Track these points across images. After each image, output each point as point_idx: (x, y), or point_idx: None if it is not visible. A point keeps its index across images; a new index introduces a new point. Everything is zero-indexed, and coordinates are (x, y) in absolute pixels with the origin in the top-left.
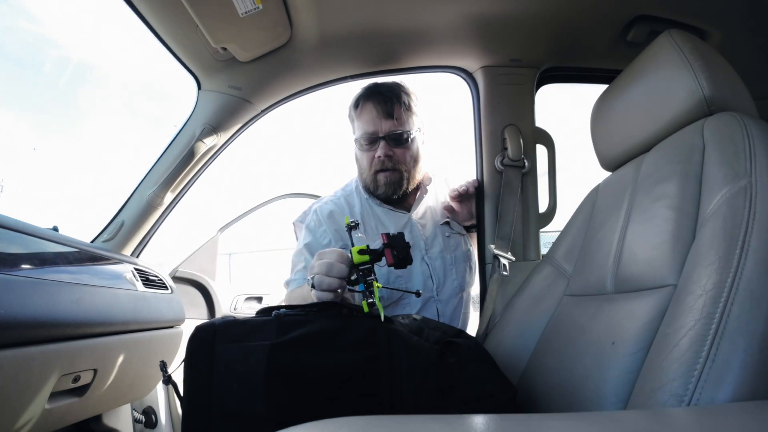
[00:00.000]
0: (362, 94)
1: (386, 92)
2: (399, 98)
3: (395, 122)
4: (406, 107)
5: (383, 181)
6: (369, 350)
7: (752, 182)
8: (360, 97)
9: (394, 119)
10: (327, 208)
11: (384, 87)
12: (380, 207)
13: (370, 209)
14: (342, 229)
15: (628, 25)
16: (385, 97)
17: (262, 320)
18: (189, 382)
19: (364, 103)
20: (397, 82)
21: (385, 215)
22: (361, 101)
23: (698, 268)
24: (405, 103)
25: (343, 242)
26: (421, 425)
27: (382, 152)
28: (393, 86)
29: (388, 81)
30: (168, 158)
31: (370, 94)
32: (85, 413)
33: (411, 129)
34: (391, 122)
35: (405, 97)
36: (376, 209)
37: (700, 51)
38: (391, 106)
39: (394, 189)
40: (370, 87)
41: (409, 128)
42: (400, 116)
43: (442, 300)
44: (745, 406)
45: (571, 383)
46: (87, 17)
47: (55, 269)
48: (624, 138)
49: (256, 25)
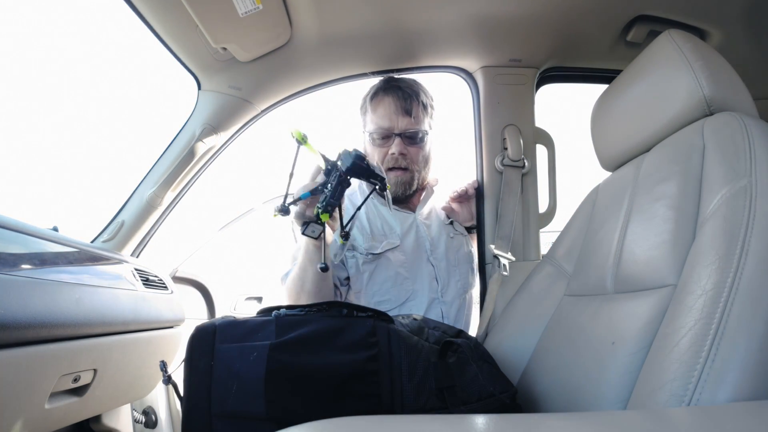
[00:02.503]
0: (381, 87)
1: (406, 88)
2: (418, 96)
3: (412, 120)
4: (423, 106)
5: (394, 180)
6: (369, 350)
7: (752, 182)
8: (378, 89)
9: (412, 117)
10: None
11: (404, 83)
12: (384, 206)
13: (374, 209)
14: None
15: (628, 25)
16: (404, 93)
17: (262, 320)
18: (189, 382)
19: (382, 96)
20: (415, 79)
21: (390, 214)
22: (380, 94)
23: (698, 268)
24: (423, 102)
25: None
26: (421, 425)
27: (397, 150)
28: (412, 83)
29: (406, 77)
30: (168, 158)
31: (390, 88)
32: (85, 413)
33: (426, 129)
34: (408, 120)
35: (423, 96)
36: (381, 208)
37: (700, 51)
38: (410, 103)
39: (404, 188)
40: (390, 80)
41: (425, 128)
42: (418, 115)
43: (447, 302)
44: (745, 406)
45: (571, 383)
46: (87, 17)
47: (55, 269)
48: (624, 138)
49: (256, 25)
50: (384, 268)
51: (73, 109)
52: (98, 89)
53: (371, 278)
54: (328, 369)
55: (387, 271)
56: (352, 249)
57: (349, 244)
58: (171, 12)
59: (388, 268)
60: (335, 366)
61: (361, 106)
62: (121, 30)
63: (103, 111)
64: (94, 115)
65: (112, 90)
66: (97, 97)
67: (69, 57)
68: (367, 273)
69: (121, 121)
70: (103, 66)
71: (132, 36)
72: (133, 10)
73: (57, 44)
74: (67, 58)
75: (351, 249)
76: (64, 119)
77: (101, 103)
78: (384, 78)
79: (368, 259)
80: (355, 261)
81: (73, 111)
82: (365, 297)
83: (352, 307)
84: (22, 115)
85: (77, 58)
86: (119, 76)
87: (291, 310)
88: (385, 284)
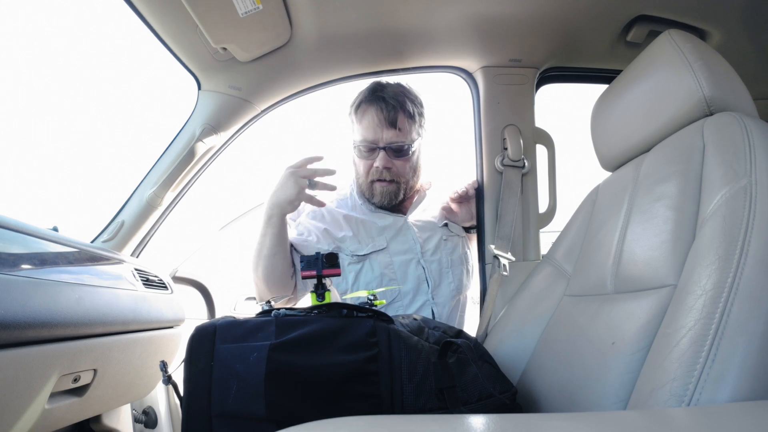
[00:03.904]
0: (364, 98)
1: (390, 99)
2: (403, 106)
3: (397, 132)
4: (409, 115)
5: (379, 191)
6: (369, 350)
7: (752, 182)
8: (362, 100)
9: (396, 129)
10: (320, 214)
11: (388, 92)
12: (375, 213)
13: (362, 212)
14: (330, 230)
15: (628, 25)
16: (388, 104)
17: (262, 320)
18: (189, 382)
19: (366, 107)
20: (402, 85)
21: (381, 219)
22: (364, 104)
23: (698, 268)
24: (409, 112)
25: (332, 242)
26: (421, 425)
27: (381, 164)
28: (397, 92)
29: (392, 83)
30: (168, 158)
31: (373, 99)
32: (85, 413)
33: (413, 140)
34: (392, 132)
35: (409, 105)
36: (368, 212)
37: (700, 51)
38: (394, 114)
39: (390, 199)
40: (374, 90)
41: (411, 139)
42: (403, 126)
43: (439, 303)
44: (745, 406)
45: (571, 383)
46: (87, 17)
47: (55, 269)
48: (624, 138)
49: (256, 25)
50: (369, 269)
51: (73, 109)
52: (98, 89)
53: (357, 279)
54: (328, 369)
55: (372, 272)
56: (338, 251)
57: (335, 246)
58: (171, 12)
59: (373, 269)
60: (335, 366)
61: (349, 113)
62: (121, 30)
63: (103, 111)
64: (94, 114)
65: (112, 90)
66: (97, 97)
67: (69, 57)
68: (353, 273)
69: (121, 121)
70: (103, 66)
71: (132, 36)
72: (133, 10)
73: (57, 44)
74: (67, 58)
75: (337, 250)
76: (64, 119)
77: (101, 103)
78: (369, 86)
79: (353, 260)
80: (341, 261)
81: (73, 111)
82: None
83: (352, 307)
84: (22, 114)
85: (77, 58)
86: (119, 76)
87: (291, 311)
88: (370, 285)
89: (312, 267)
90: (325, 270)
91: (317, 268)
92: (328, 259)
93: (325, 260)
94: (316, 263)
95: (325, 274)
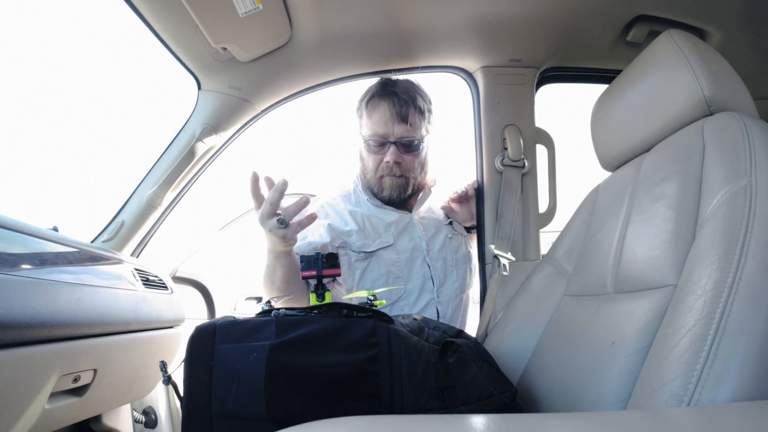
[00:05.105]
0: (376, 91)
1: (402, 94)
2: (414, 101)
3: (408, 127)
4: (420, 111)
5: (389, 185)
6: (369, 350)
7: (752, 182)
8: (374, 94)
9: (408, 124)
10: (323, 211)
11: (400, 87)
12: (381, 208)
13: (369, 208)
14: (335, 224)
15: (628, 25)
16: (400, 99)
17: (262, 320)
18: (189, 382)
19: (377, 101)
20: (411, 81)
21: (387, 215)
22: (375, 99)
23: (698, 268)
24: (419, 107)
25: (338, 236)
26: (421, 425)
27: (392, 158)
28: (409, 87)
29: (402, 79)
30: (168, 158)
31: (386, 94)
32: (85, 413)
33: (422, 135)
34: (404, 127)
35: (420, 101)
36: (375, 208)
37: (700, 51)
38: (406, 109)
39: (399, 193)
40: (385, 85)
41: (421, 135)
42: (414, 121)
43: (443, 301)
44: (745, 406)
45: (571, 383)
46: (87, 17)
47: (55, 269)
48: (624, 138)
49: (256, 25)
50: (376, 267)
51: (73, 109)
52: (98, 89)
53: (363, 276)
54: (327, 369)
55: (379, 269)
56: (344, 246)
57: (341, 242)
58: (171, 12)
59: (380, 266)
60: (335, 366)
61: (357, 108)
62: (122, 30)
63: (103, 111)
64: (94, 114)
65: (112, 90)
66: (97, 97)
67: (69, 57)
68: (359, 270)
69: (121, 121)
70: (104, 66)
71: (132, 36)
72: (133, 10)
73: (57, 44)
74: (67, 58)
75: (343, 246)
76: (64, 119)
77: (101, 103)
78: (380, 81)
79: (360, 257)
80: (347, 258)
81: (73, 111)
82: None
83: (352, 307)
84: (22, 114)
85: (77, 58)
86: (119, 76)
87: (291, 311)
88: (376, 282)
89: (312, 267)
90: (325, 270)
91: (317, 268)
92: (328, 259)
93: (325, 260)
94: (316, 263)
95: (325, 274)
